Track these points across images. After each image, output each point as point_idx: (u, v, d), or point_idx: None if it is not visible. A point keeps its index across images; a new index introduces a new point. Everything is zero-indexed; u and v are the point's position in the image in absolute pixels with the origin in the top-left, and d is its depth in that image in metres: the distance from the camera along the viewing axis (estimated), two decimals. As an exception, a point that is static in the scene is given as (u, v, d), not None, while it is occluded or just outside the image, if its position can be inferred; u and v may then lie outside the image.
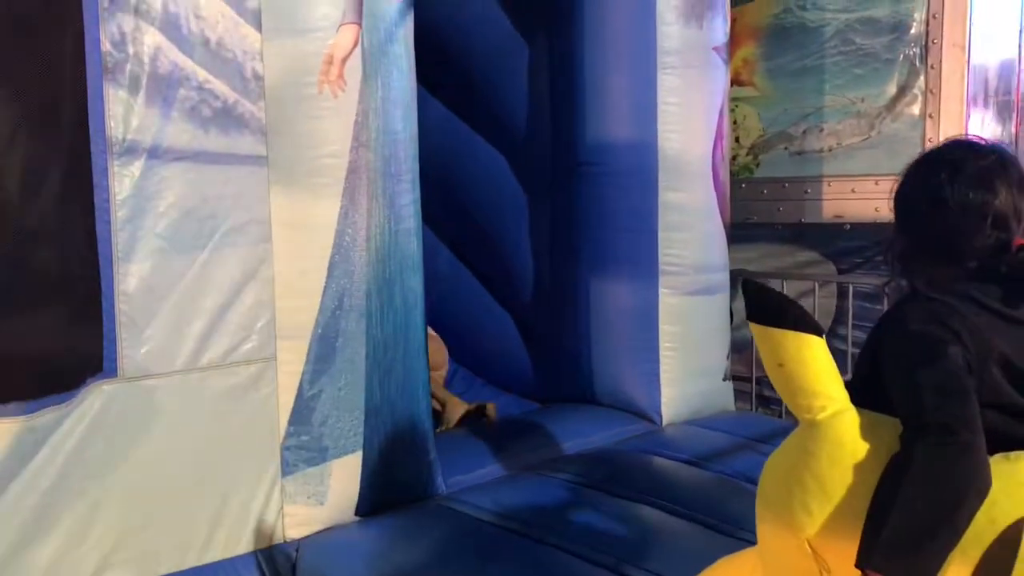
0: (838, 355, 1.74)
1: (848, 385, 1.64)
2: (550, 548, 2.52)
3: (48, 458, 2.16)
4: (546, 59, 3.81)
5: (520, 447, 3.34)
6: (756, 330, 1.59)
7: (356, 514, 2.71)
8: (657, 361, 3.59)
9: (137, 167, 2.28)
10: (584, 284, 3.72)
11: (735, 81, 4.38)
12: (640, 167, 3.53)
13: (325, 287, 2.61)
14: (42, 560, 2.17)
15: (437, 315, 3.11)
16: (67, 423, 2.19)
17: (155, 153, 2.31)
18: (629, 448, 3.42)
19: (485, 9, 3.81)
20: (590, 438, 3.47)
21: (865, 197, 4.21)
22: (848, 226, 4.27)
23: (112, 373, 2.25)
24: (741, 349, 4.10)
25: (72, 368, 2.22)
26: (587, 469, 3.16)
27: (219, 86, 2.43)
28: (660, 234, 3.53)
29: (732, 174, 4.15)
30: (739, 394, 4.07)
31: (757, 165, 4.70)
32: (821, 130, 4.38)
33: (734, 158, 4.48)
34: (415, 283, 2.84)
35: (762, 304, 1.60)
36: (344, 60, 2.60)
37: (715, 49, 3.66)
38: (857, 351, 4.03)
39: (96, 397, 2.24)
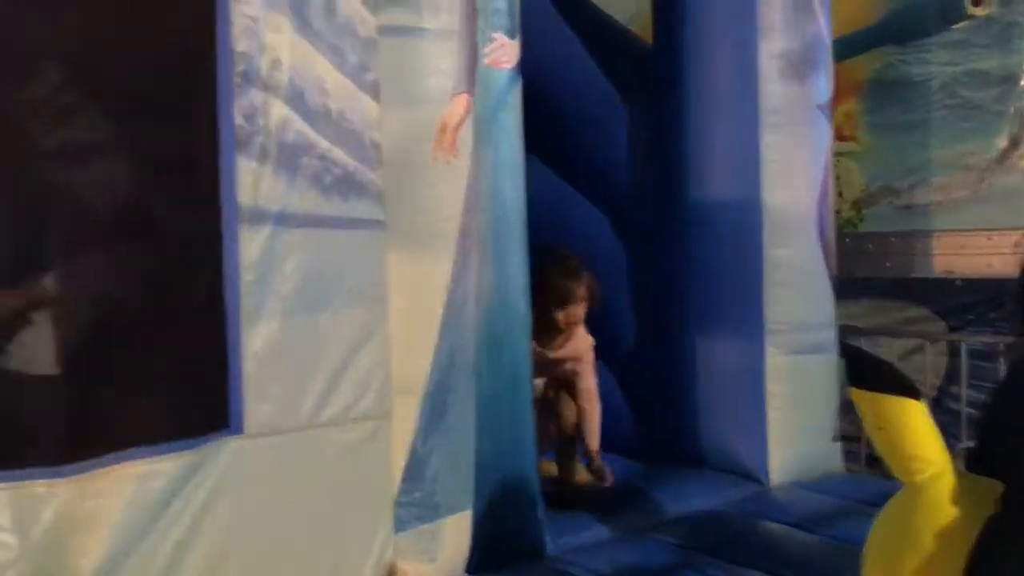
0: (952, 415, 1.73)
1: (973, 451, 1.62)
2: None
3: (179, 511, 2.25)
4: (648, 119, 3.86)
5: (625, 509, 3.33)
6: (855, 394, 1.61)
7: (467, 572, 2.73)
8: (764, 421, 3.54)
9: (264, 233, 2.39)
10: (688, 343, 3.71)
11: (836, 136, 4.34)
12: (744, 224, 3.53)
13: (437, 346, 2.68)
14: (170, 611, 2.25)
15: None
16: (196, 477, 2.28)
17: (281, 219, 2.42)
18: (737, 511, 3.37)
19: (588, 73, 3.90)
20: (696, 500, 3.44)
21: (977, 252, 4.11)
22: (959, 281, 4.16)
23: (238, 430, 2.35)
24: (849, 408, 4.00)
25: (199, 422, 2.32)
26: (695, 533, 3.12)
27: (340, 155, 2.54)
28: (766, 292, 3.51)
29: (836, 228, 4.10)
30: (848, 454, 3.97)
31: (861, 219, 4.64)
32: (928, 184, 4.30)
33: (837, 212, 4.42)
34: (523, 342, 2.89)
35: (859, 367, 1.63)
36: (456, 128, 2.70)
37: (819, 106, 3.66)
38: (972, 411, 3.91)
39: (223, 453, 2.33)
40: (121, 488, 2.16)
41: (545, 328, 3.38)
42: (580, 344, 3.54)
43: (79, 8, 2.23)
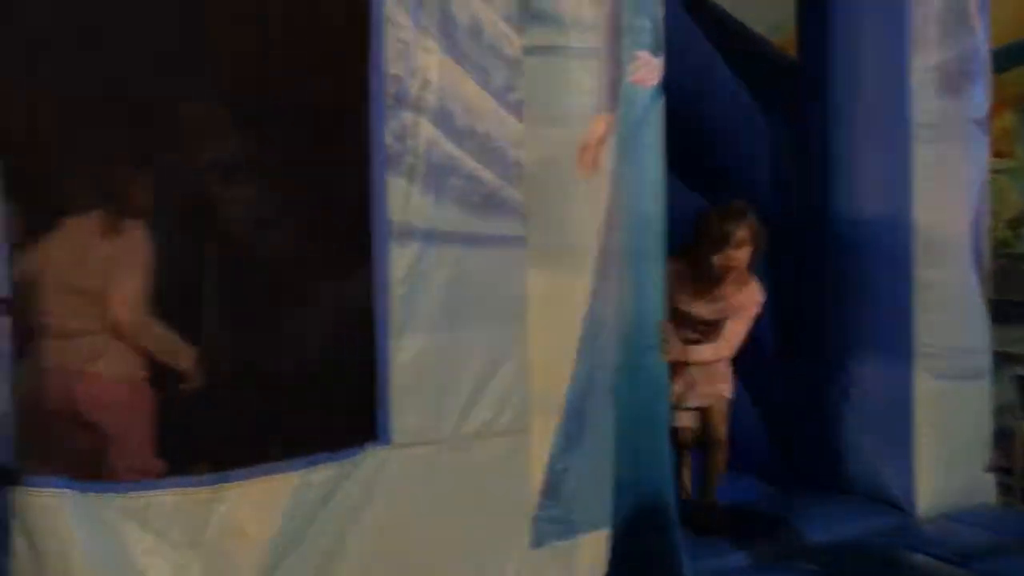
0: None
1: None
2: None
3: (329, 517, 2.33)
4: (792, 134, 3.77)
5: (764, 534, 3.25)
6: None
7: (603, 591, 2.72)
8: (912, 448, 3.39)
9: (412, 249, 2.46)
10: (831, 365, 3.59)
11: (993, 152, 4.13)
12: (894, 244, 3.40)
13: (576, 364, 2.68)
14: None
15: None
16: (345, 485, 2.36)
17: (428, 236, 2.48)
18: (882, 541, 3.24)
19: (728, 88, 3.84)
20: (838, 528, 3.33)
21: None
22: None
23: (386, 440, 2.41)
24: (1004, 438, 3.79)
25: (350, 433, 2.40)
26: (838, 562, 3.03)
27: (485, 174, 2.59)
28: (917, 314, 3.37)
29: (991, 249, 3.90)
30: (1002, 487, 3.76)
31: (1018, 239, 4.40)
32: (1094, 202, 4.04)
33: (992, 232, 4.20)
34: (660, 363, 2.87)
35: None
36: (598, 146, 2.71)
37: (974, 121, 3.50)
38: None
39: (371, 462, 2.40)
40: (279, 497, 2.26)
41: (698, 277, 3.18)
42: (744, 297, 3.24)
43: (239, 33, 2.36)
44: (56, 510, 2.04)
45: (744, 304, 3.25)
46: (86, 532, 2.09)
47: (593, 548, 2.69)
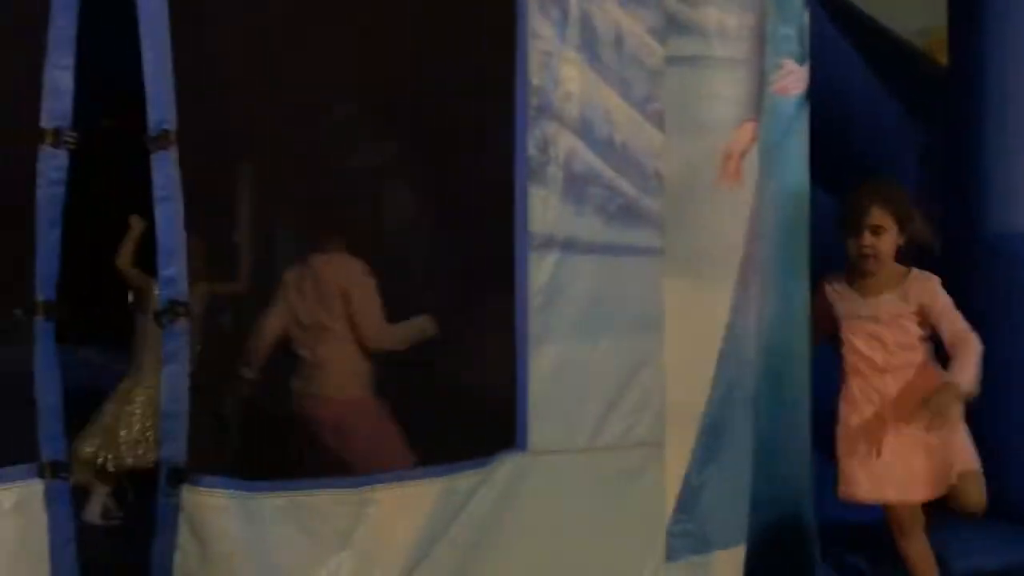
0: None
1: None
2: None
3: (466, 521, 2.38)
4: (942, 144, 3.62)
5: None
6: None
7: (739, 609, 2.67)
8: (1076, 475, 3.19)
9: (552, 259, 2.48)
10: (987, 387, 3.40)
11: None
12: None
13: (715, 376, 2.65)
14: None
15: (817, 410, 3.00)
16: (483, 490, 2.40)
17: (568, 246, 2.50)
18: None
19: (875, 96, 3.72)
20: (992, 556, 3.15)
21: None
22: None
23: (523, 447, 2.44)
24: None
25: (489, 439, 2.44)
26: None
27: (624, 184, 2.59)
28: (1081, 334, 3.17)
29: None
30: None
31: None
32: None
33: None
34: (803, 377, 2.79)
35: None
36: (742, 155, 2.67)
37: None
38: None
39: (508, 469, 2.43)
40: (424, 501, 2.33)
41: (848, 272, 2.82)
42: (914, 290, 2.74)
43: (389, 46, 2.44)
44: (223, 510, 2.16)
45: (922, 297, 2.75)
46: (249, 533, 2.20)
47: (728, 564, 2.64)
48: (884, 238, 2.76)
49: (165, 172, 2.10)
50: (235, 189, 2.56)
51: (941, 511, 3.56)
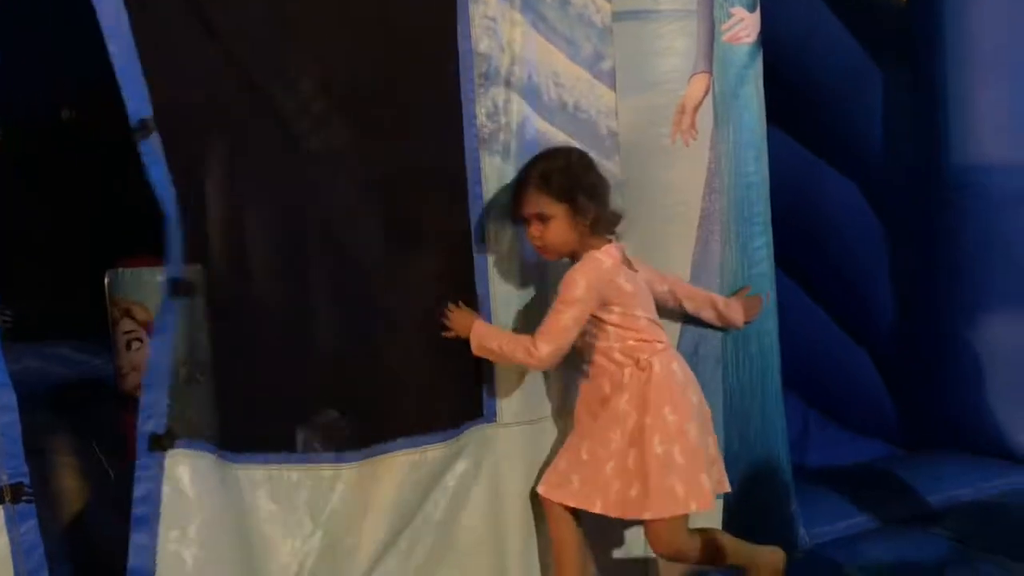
0: None
1: None
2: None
3: (441, 493, 2.39)
4: (904, 81, 3.58)
5: (887, 497, 3.15)
6: None
7: (718, 562, 2.69)
8: (1051, 406, 3.22)
9: (510, 227, 2.46)
10: (955, 320, 3.42)
11: None
12: (1018, 190, 3.21)
13: (681, 334, 2.64)
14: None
15: (789, 357, 3.01)
16: (455, 463, 2.41)
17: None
18: (1013, 502, 3.09)
19: (834, 36, 3.66)
20: (965, 489, 3.19)
21: None
22: None
23: (491, 419, 2.44)
24: None
25: (456, 411, 2.44)
26: (968, 524, 2.91)
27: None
28: (1049, 264, 3.18)
29: None
30: None
31: None
32: None
33: None
34: (771, 328, 2.79)
35: None
36: (696, 109, 2.64)
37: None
38: None
39: (478, 440, 2.43)
40: (396, 474, 2.34)
41: None
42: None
43: (329, 23, 2.38)
44: (205, 476, 2.16)
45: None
46: (227, 501, 2.21)
47: (705, 518, 2.65)
48: (551, 226, 2.31)
49: (154, 157, 2.13)
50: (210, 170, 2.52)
51: (919, 449, 3.62)
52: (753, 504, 2.71)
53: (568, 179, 2.31)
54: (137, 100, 2.12)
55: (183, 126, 2.20)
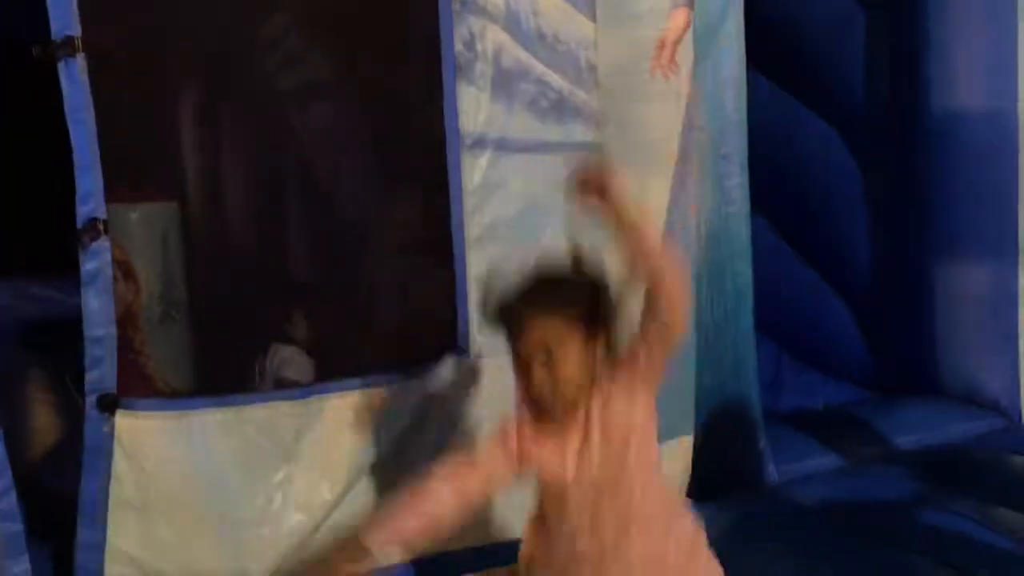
0: None
1: None
2: (888, 550, 2.38)
3: (413, 424, 2.39)
4: (884, 25, 3.56)
5: (855, 438, 3.18)
6: None
7: (686, 496, 2.72)
8: (1017, 351, 3.25)
9: (485, 159, 2.44)
10: (929, 266, 3.44)
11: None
12: (997, 136, 3.20)
13: (654, 271, 2.64)
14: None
15: (763, 299, 3.02)
16: (426, 395, 2.40)
17: (500, 145, 2.45)
18: (982, 445, 3.14)
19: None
20: (934, 432, 3.23)
21: None
22: None
23: (465, 352, 2.44)
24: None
25: (430, 345, 2.43)
26: (932, 465, 2.95)
27: (555, 78, 2.52)
28: (1022, 210, 3.18)
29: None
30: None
31: None
32: None
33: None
34: (745, 268, 2.80)
35: None
36: (676, 43, 2.60)
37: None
38: None
39: (450, 371, 2.43)
40: (369, 407, 2.33)
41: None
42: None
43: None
44: (160, 432, 2.14)
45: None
46: (190, 451, 2.18)
47: (676, 455, 2.68)
48: (554, 367, 1.62)
49: (74, 81, 2.00)
50: (153, 102, 2.46)
51: (888, 391, 3.66)
52: (722, 440, 2.74)
53: None
54: (62, 15, 1.97)
55: (124, 52, 2.10)
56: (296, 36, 2.53)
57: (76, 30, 1.99)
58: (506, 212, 2.48)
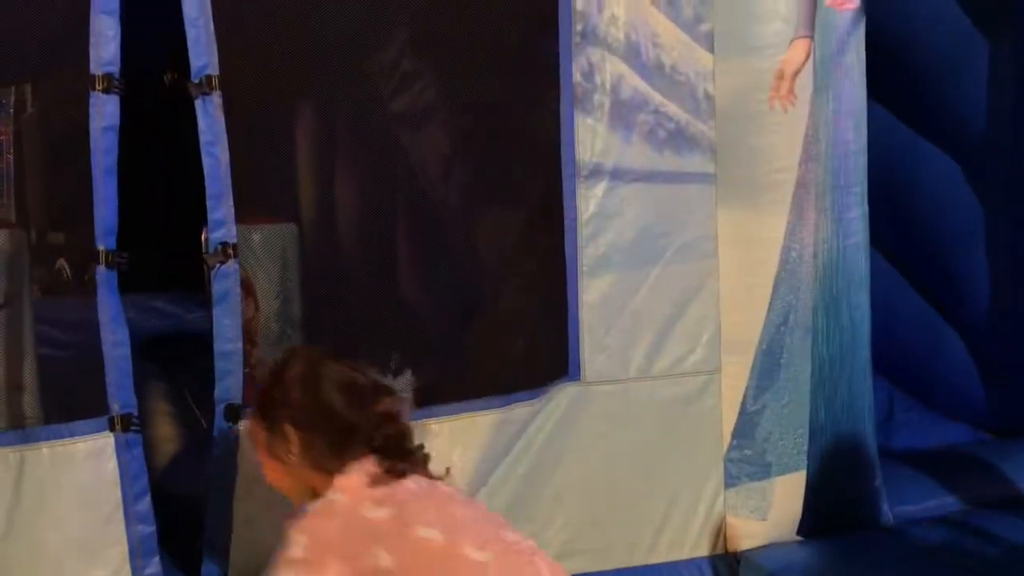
0: None
1: None
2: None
3: (523, 449, 2.42)
4: (1013, 57, 3.45)
5: (974, 481, 3.07)
6: None
7: (798, 533, 2.67)
8: None
9: (601, 188, 2.47)
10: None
11: None
12: None
13: (771, 302, 2.62)
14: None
15: (876, 334, 2.94)
16: (538, 419, 2.43)
17: (616, 175, 2.48)
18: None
19: (939, 7, 3.54)
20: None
21: None
22: None
23: (576, 377, 2.46)
24: None
25: (542, 370, 2.46)
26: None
27: (673, 109, 2.54)
28: None
29: None
30: None
31: None
32: None
33: None
34: (862, 300, 2.74)
35: None
36: (795, 74, 2.59)
37: None
38: None
39: (562, 398, 2.45)
40: (480, 432, 2.37)
41: None
42: None
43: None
44: None
45: None
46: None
47: (788, 490, 2.64)
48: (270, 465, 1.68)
49: (210, 117, 2.13)
50: (277, 131, 2.57)
51: (1009, 434, 3.51)
52: (836, 477, 2.68)
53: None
54: (202, 54, 2.09)
55: (254, 88, 2.19)
56: (413, 63, 2.61)
57: (215, 69, 2.12)
58: (620, 241, 2.50)
